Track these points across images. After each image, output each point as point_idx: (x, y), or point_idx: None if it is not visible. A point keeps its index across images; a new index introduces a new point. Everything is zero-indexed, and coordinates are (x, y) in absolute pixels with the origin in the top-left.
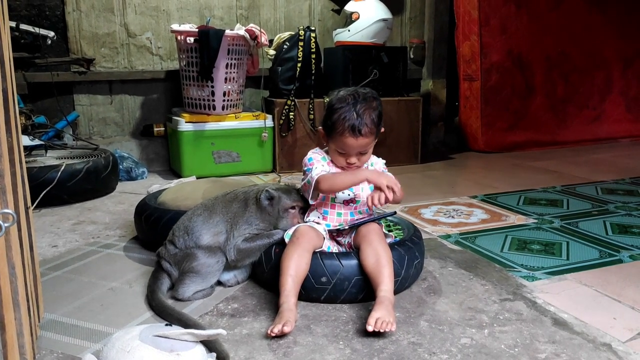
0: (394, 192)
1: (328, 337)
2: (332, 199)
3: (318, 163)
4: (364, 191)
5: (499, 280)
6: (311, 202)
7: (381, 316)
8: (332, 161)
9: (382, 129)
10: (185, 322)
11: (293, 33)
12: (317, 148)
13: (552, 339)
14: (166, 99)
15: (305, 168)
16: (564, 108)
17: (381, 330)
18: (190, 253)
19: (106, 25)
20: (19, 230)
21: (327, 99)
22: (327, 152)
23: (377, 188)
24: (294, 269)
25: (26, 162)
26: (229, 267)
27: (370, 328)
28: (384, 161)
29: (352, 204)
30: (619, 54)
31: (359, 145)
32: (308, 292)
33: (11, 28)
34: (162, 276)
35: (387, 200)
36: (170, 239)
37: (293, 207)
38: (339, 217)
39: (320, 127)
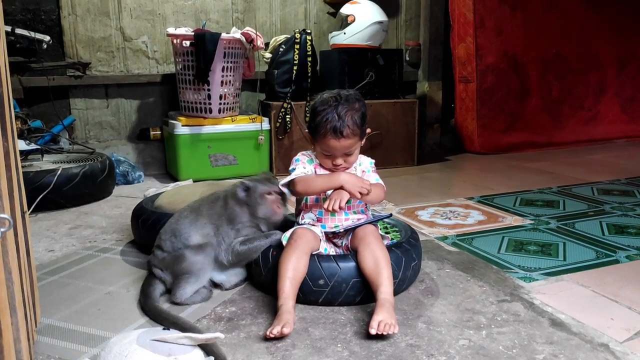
0: (362, 194)
1: (326, 340)
2: (324, 199)
3: (301, 164)
4: None
5: (496, 281)
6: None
7: (383, 319)
8: (320, 164)
9: (369, 130)
10: (181, 326)
11: (289, 36)
12: (308, 150)
13: (549, 339)
14: (162, 102)
15: (290, 168)
16: (560, 109)
17: (384, 333)
18: (179, 255)
19: (102, 29)
20: (16, 235)
21: (311, 102)
22: (315, 155)
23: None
24: (292, 272)
25: (22, 167)
26: (225, 268)
27: (373, 331)
28: (373, 161)
29: (345, 203)
30: (614, 55)
31: (342, 147)
32: (306, 295)
33: (7, 32)
34: (154, 282)
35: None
36: (158, 243)
37: (269, 193)
38: (332, 217)
39: (306, 130)
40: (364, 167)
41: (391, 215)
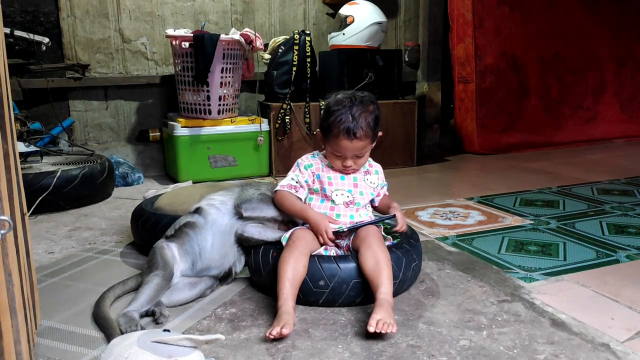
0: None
1: (327, 341)
2: (332, 201)
3: (296, 171)
4: (362, 195)
5: (497, 281)
6: None
7: (382, 318)
8: (329, 166)
9: (380, 133)
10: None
11: (288, 37)
12: (316, 151)
13: (550, 339)
14: (162, 104)
15: (288, 173)
16: (559, 109)
17: (382, 332)
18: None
19: (101, 30)
20: (15, 237)
21: (325, 102)
22: (325, 155)
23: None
24: (292, 273)
25: (22, 169)
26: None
27: (371, 329)
28: (381, 167)
29: (351, 206)
30: (612, 54)
31: (354, 148)
32: (306, 296)
33: (5, 34)
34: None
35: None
36: None
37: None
38: (337, 218)
39: (318, 129)
40: (371, 170)
41: (394, 216)
